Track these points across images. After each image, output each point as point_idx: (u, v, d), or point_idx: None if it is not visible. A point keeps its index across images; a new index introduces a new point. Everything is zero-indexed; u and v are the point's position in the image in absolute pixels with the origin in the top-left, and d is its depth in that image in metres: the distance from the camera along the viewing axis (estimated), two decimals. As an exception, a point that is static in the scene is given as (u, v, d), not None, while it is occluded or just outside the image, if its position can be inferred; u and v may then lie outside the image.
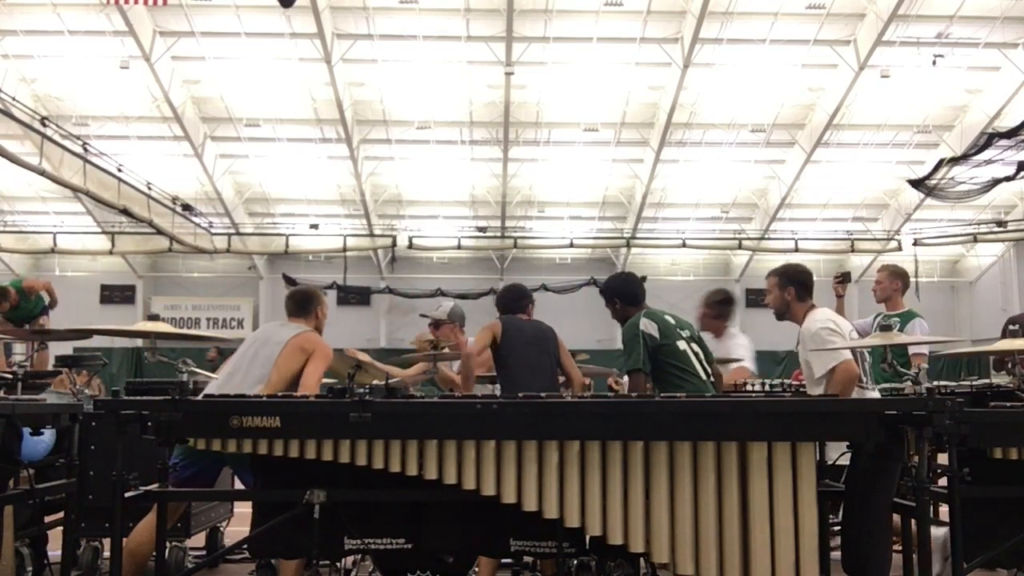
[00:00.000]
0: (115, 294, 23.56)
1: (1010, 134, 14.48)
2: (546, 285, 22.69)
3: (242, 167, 21.34)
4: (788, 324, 4.29)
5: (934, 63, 16.68)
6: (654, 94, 18.77)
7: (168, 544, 4.22)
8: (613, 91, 18.60)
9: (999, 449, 3.38)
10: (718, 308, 5.85)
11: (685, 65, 16.86)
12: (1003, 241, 21.72)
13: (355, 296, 23.45)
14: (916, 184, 17.37)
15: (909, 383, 3.25)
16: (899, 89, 17.91)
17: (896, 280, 5.65)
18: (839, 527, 3.84)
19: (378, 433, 3.12)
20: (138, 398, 3.34)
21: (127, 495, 3.23)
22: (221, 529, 5.25)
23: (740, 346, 5.79)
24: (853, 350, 3.96)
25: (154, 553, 3.47)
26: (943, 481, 3.43)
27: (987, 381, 4.95)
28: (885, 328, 3.52)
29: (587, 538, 3.27)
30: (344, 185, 21.46)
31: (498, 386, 5.01)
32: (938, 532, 3.73)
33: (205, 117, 19.45)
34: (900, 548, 3.83)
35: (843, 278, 5.58)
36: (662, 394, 4.00)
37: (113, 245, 21.34)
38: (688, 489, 3.08)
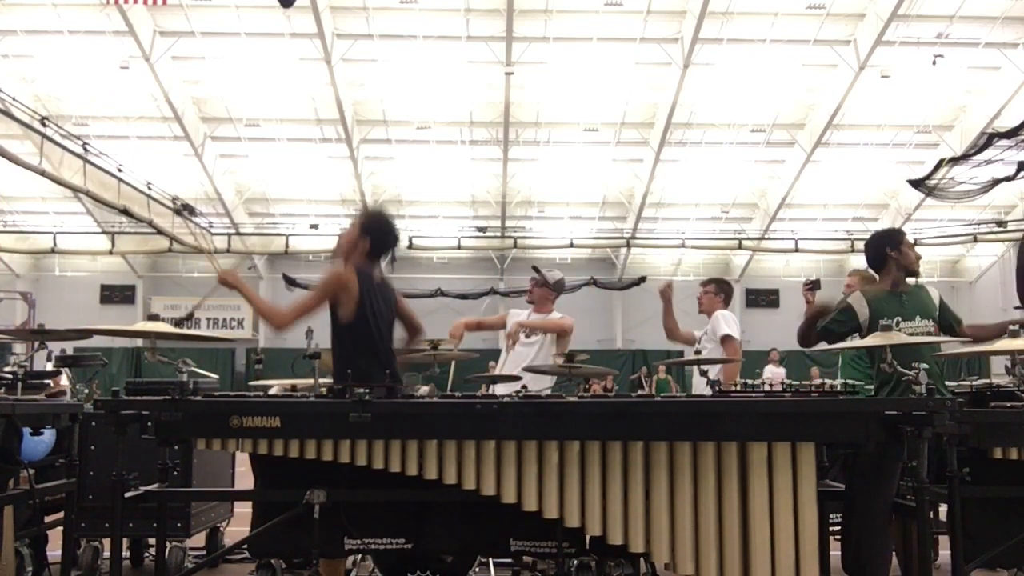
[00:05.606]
0: (115, 294, 23.56)
1: (1010, 134, 14.43)
2: (546, 285, 22.67)
3: (242, 167, 21.34)
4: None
5: (934, 63, 16.67)
6: (654, 94, 18.76)
7: (168, 544, 4.22)
8: (613, 91, 18.59)
9: (999, 449, 3.39)
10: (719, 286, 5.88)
11: (685, 65, 16.86)
12: (1003, 241, 21.70)
13: (355, 296, 23.40)
14: (916, 184, 17.33)
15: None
16: (899, 89, 17.91)
17: (867, 285, 5.68)
18: (839, 527, 3.84)
19: (378, 433, 3.12)
20: (138, 398, 3.34)
21: (127, 495, 3.23)
22: (221, 529, 5.24)
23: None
24: None
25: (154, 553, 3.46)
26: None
27: (987, 381, 4.93)
28: (885, 328, 3.51)
29: (587, 538, 3.27)
30: (344, 185, 21.45)
31: (497, 386, 4.88)
32: None
33: (205, 117, 19.44)
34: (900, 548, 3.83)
35: (812, 285, 5.62)
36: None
37: (113, 245, 21.34)
38: (688, 489, 3.09)
